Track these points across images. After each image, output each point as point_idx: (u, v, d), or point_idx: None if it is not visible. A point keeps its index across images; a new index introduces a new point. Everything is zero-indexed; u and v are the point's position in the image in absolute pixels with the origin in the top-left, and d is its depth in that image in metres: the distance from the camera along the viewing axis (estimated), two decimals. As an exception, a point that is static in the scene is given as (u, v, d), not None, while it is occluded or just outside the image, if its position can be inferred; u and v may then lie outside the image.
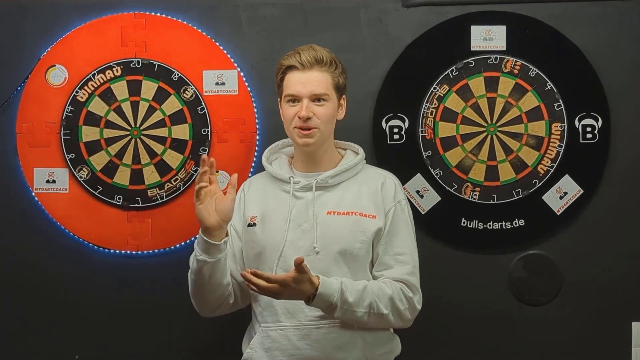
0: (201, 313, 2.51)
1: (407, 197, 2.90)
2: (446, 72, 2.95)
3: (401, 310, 2.39)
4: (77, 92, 2.98)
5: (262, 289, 2.25)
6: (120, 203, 2.98)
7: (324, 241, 2.40)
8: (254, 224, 2.48)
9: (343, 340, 2.38)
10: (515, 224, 2.95)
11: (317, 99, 2.42)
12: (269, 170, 2.55)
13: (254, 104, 2.99)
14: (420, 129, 2.97)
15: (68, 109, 2.98)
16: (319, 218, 2.42)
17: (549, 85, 2.93)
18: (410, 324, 2.46)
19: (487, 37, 2.94)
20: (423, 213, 2.96)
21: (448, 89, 2.96)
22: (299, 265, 2.21)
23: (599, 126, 2.92)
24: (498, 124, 2.95)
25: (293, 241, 2.41)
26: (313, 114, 2.40)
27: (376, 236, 2.43)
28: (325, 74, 2.43)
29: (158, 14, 2.99)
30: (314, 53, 2.42)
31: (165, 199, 2.99)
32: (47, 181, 2.99)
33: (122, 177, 2.98)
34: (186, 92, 2.98)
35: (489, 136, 2.95)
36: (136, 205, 2.98)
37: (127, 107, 2.98)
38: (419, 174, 2.97)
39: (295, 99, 2.42)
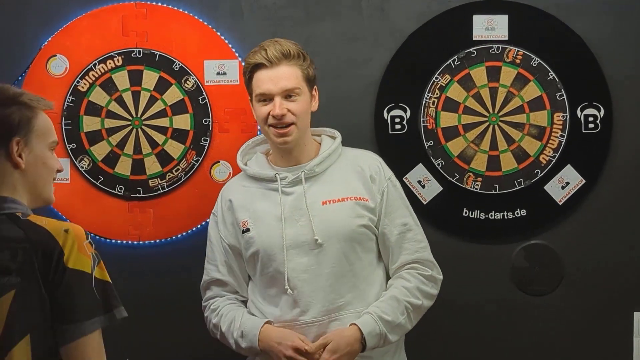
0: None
1: (409, 187, 2.91)
2: (448, 62, 2.94)
3: (429, 292, 2.43)
4: (78, 82, 2.98)
5: None
6: (121, 193, 2.98)
7: (326, 232, 2.37)
8: (248, 229, 2.43)
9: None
10: (517, 214, 2.95)
11: (288, 94, 2.36)
12: (249, 171, 2.48)
13: (256, 94, 2.98)
14: (422, 119, 2.96)
15: (69, 99, 2.98)
16: (316, 209, 2.39)
17: (551, 75, 2.92)
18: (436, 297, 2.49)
19: (489, 27, 2.93)
20: (425, 203, 2.95)
21: (450, 78, 2.95)
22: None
23: (601, 116, 2.91)
24: (500, 114, 2.94)
25: (294, 238, 2.38)
26: (287, 111, 2.35)
27: (375, 218, 2.42)
28: (294, 68, 2.37)
29: (159, 4, 2.98)
30: (279, 47, 2.36)
31: (166, 189, 2.98)
32: (49, 171, 2.98)
33: (124, 167, 2.98)
34: (187, 82, 2.98)
35: (491, 126, 2.95)
36: (137, 195, 2.98)
37: (128, 97, 2.98)
38: (420, 164, 2.96)
39: (266, 98, 2.37)
